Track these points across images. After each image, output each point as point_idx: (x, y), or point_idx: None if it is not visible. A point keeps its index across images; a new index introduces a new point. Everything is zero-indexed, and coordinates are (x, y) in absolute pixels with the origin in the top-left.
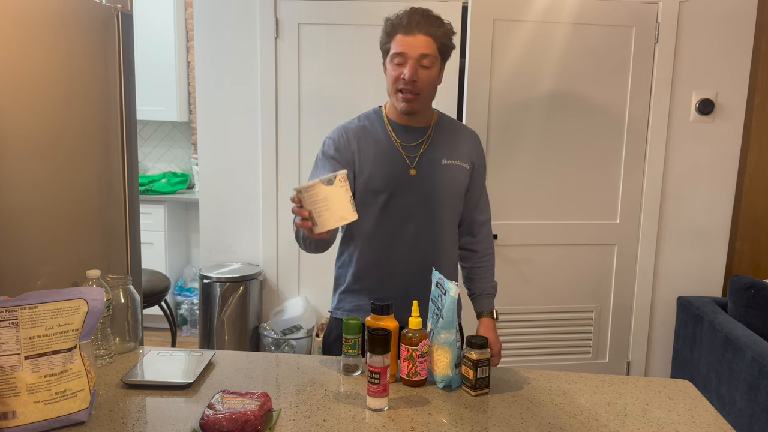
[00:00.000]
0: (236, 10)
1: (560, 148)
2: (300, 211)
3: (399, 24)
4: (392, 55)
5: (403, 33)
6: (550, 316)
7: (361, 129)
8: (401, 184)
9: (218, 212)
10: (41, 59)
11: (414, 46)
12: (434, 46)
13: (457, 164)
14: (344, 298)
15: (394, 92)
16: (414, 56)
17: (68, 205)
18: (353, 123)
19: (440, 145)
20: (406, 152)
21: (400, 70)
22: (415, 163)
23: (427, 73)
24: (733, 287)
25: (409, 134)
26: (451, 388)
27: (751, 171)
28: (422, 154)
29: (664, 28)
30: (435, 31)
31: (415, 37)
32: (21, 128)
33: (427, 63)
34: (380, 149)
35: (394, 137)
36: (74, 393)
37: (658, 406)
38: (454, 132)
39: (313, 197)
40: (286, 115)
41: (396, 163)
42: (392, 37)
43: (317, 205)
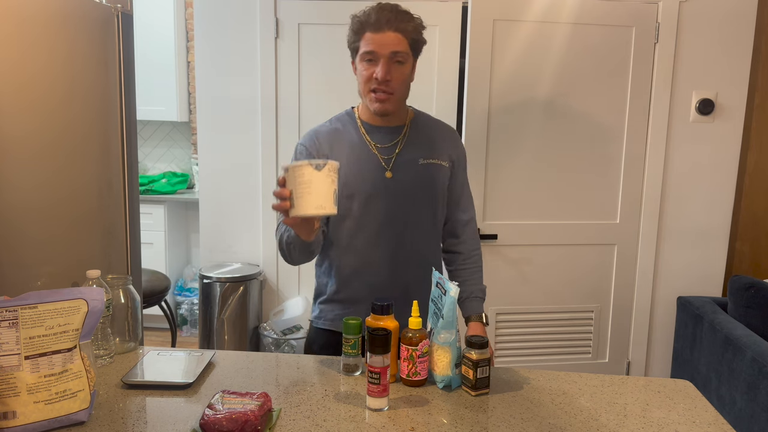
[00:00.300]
0: (236, 10)
1: (560, 148)
2: (282, 190)
3: (367, 21)
4: (362, 53)
5: (372, 30)
6: (550, 316)
7: (333, 132)
8: (377, 187)
9: (218, 212)
10: (42, 60)
11: (385, 44)
12: (405, 43)
13: (435, 163)
14: (326, 307)
15: (367, 93)
16: (385, 54)
17: (68, 205)
18: (325, 126)
19: (417, 145)
20: (381, 154)
21: (371, 69)
22: (391, 164)
23: (400, 71)
24: (733, 287)
25: (384, 135)
26: (451, 388)
27: (751, 171)
28: (398, 154)
29: (664, 28)
30: (405, 27)
31: (385, 35)
32: (21, 129)
33: (400, 59)
34: (354, 153)
35: (368, 139)
36: (74, 393)
37: (658, 406)
38: (430, 130)
39: (298, 177)
40: (286, 115)
41: (371, 167)
42: (361, 36)
43: (300, 187)
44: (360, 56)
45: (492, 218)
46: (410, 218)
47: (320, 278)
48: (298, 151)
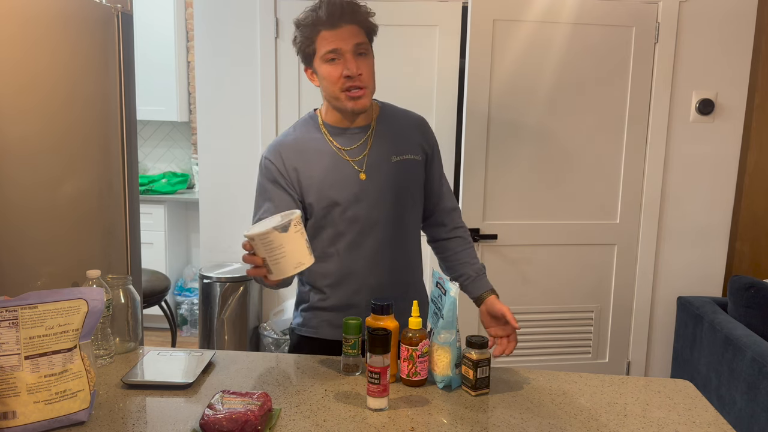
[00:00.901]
0: (236, 10)
1: (560, 147)
2: (253, 259)
3: (319, 20)
4: (324, 54)
5: (328, 28)
6: (550, 316)
7: (297, 142)
8: (353, 192)
9: (218, 212)
10: (42, 60)
11: (345, 39)
12: (362, 33)
13: (408, 158)
14: (308, 315)
15: (339, 93)
16: (349, 48)
17: (68, 205)
18: (289, 137)
19: (386, 141)
20: (350, 157)
21: (338, 68)
22: (363, 166)
23: (366, 62)
24: (733, 287)
25: (350, 137)
26: (451, 388)
27: (751, 171)
28: (368, 154)
29: (664, 28)
30: (359, 18)
31: (343, 29)
32: (22, 129)
33: (363, 50)
34: (324, 161)
35: (336, 145)
36: (74, 393)
37: (658, 406)
38: (398, 123)
39: (267, 245)
40: (286, 115)
41: (344, 173)
42: (315, 36)
43: (273, 253)
44: (321, 58)
45: (492, 218)
46: (389, 219)
47: (301, 286)
48: (264, 167)
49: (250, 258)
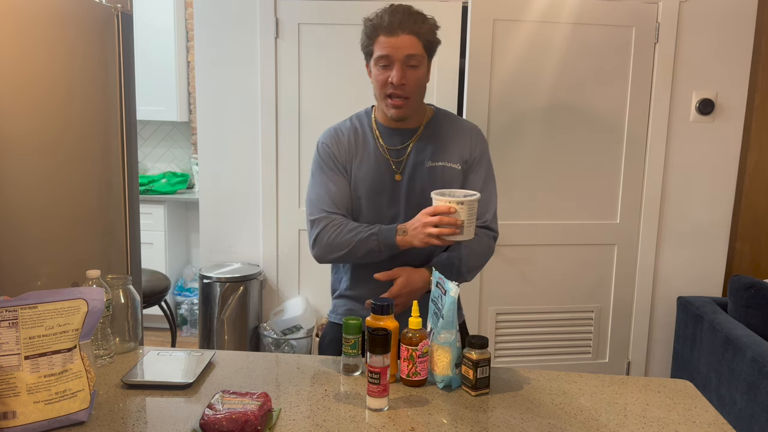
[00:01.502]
0: (236, 10)
1: (560, 147)
2: (455, 219)
3: (380, 25)
4: (377, 58)
5: (385, 34)
6: (550, 316)
7: (352, 130)
8: (387, 189)
9: (218, 212)
10: (42, 59)
11: (399, 48)
12: (420, 45)
13: (444, 165)
14: (339, 302)
15: (383, 97)
16: (400, 58)
17: (68, 204)
18: (345, 124)
19: (427, 147)
20: (392, 157)
21: (386, 73)
22: (401, 167)
23: (415, 74)
24: (733, 287)
25: (396, 137)
26: (451, 388)
27: (751, 171)
28: (408, 157)
29: (664, 28)
30: (419, 29)
31: (399, 38)
32: (22, 128)
33: (415, 63)
34: (368, 155)
35: (381, 142)
36: (74, 393)
37: (658, 406)
38: (446, 130)
39: (471, 210)
40: (286, 115)
41: (381, 169)
42: (374, 39)
43: (472, 217)
44: (374, 60)
45: None
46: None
47: (335, 274)
48: (321, 150)
49: (452, 219)
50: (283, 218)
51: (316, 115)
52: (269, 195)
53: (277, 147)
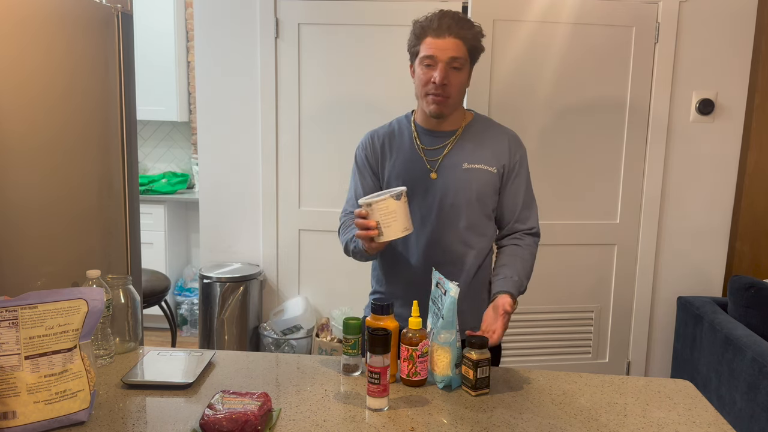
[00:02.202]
0: (236, 10)
1: (560, 148)
2: (367, 222)
3: (429, 26)
4: (422, 57)
5: (433, 36)
6: (550, 316)
7: (389, 133)
8: (420, 187)
9: (218, 212)
10: (41, 59)
11: (444, 49)
12: (464, 49)
13: (480, 168)
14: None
15: (424, 95)
16: (444, 59)
17: (68, 205)
18: (383, 128)
19: (464, 149)
20: (427, 156)
21: (430, 73)
22: (436, 167)
23: (457, 77)
24: (733, 287)
25: (434, 138)
26: (451, 388)
27: (751, 171)
28: (444, 157)
29: (664, 28)
30: (465, 34)
31: (445, 40)
32: (21, 128)
33: (458, 65)
34: (402, 153)
35: (418, 142)
36: (74, 393)
37: (658, 406)
38: (484, 134)
39: (383, 209)
40: (286, 115)
41: (415, 168)
42: (422, 40)
43: (387, 217)
44: (419, 60)
45: None
46: (448, 220)
47: (372, 272)
48: (357, 154)
49: (364, 221)
50: (283, 218)
51: (316, 115)
52: (269, 195)
53: (277, 147)
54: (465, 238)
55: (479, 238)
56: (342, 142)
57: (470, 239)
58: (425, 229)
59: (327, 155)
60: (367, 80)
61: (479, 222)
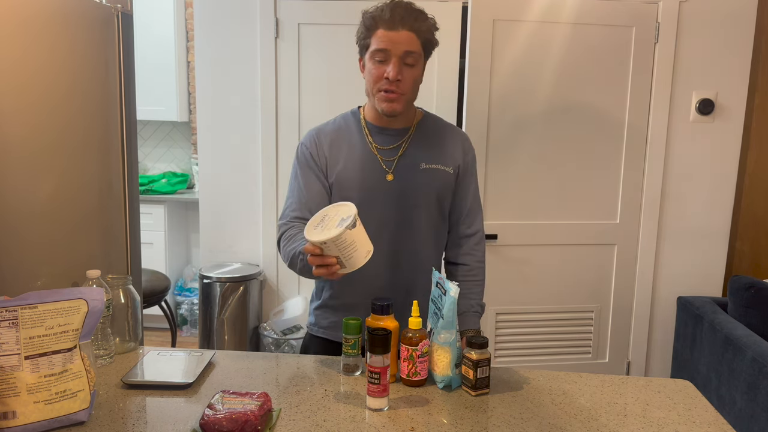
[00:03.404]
0: (236, 10)
1: (560, 147)
2: (325, 259)
3: (380, 18)
4: (373, 51)
5: (385, 28)
6: (550, 316)
7: (335, 132)
8: (377, 189)
9: (218, 212)
10: (41, 59)
11: (397, 42)
12: (418, 43)
13: (438, 168)
14: (320, 314)
15: (376, 92)
16: (398, 53)
17: (68, 205)
18: (328, 126)
19: (420, 148)
20: (382, 156)
21: (382, 68)
22: (392, 167)
23: (411, 72)
24: (733, 287)
25: (387, 137)
26: (451, 388)
27: (751, 171)
28: (400, 157)
29: (664, 28)
30: (419, 26)
31: (398, 33)
32: (21, 128)
33: (411, 61)
34: (355, 154)
35: (371, 140)
36: (74, 393)
37: (658, 406)
38: (437, 133)
39: (341, 244)
40: (286, 115)
41: (371, 168)
42: (372, 32)
43: (346, 250)
44: (370, 54)
45: (492, 218)
46: (409, 222)
47: (317, 283)
48: (299, 151)
49: (321, 259)
50: None
51: (316, 115)
52: (269, 195)
53: (277, 147)
54: (425, 240)
55: (438, 240)
56: None
57: (429, 240)
58: (384, 234)
59: None
60: None
61: (438, 223)
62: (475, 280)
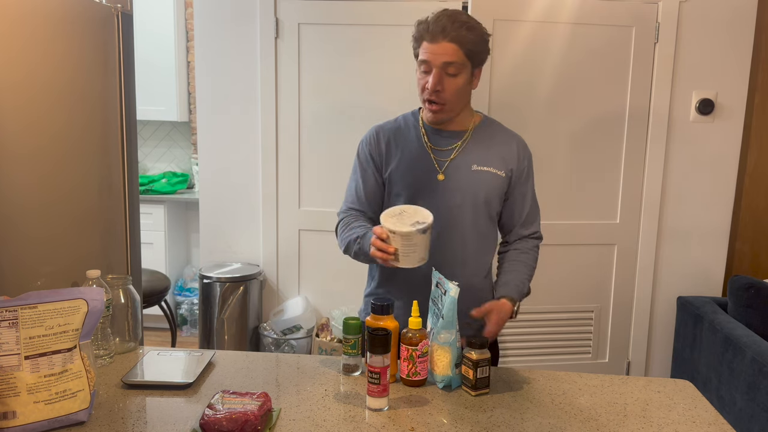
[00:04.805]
0: (236, 10)
1: (560, 147)
2: (387, 247)
3: (425, 30)
4: (419, 62)
5: (428, 40)
6: (550, 316)
7: (395, 130)
8: (427, 188)
9: (218, 212)
10: (40, 59)
11: (437, 54)
12: (461, 53)
13: (488, 171)
14: (368, 300)
15: (422, 101)
16: (437, 64)
17: (68, 205)
18: (389, 123)
19: (474, 151)
20: (436, 156)
21: (425, 78)
22: (444, 167)
23: (452, 82)
24: (733, 287)
25: (443, 138)
26: (451, 388)
27: (751, 171)
28: (453, 159)
29: (664, 28)
30: (463, 37)
31: (439, 45)
32: (21, 128)
33: (453, 71)
34: (410, 152)
35: (426, 141)
36: (74, 393)
37: (658, 406)
38: (493, 137)
39: (406, 241)
40: (286, 115)
41: (423, 167)
42: (420, 43)
43: (407, 248)
44: (418, 64)
45: None
46: (455, 221)
47: (369, 271)
48: (360, 147)
49: (384, 245)
50: (283, 218)
51: (316, 115)
52: (269, 195)
53: (277, 147)
54: (469, 240)
55: (482, 241)
56: (342, 142)
57: (474, 241)
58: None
59: (327, 155)
60: (367, 80)
61: (484, 224)
62: (518, 260)
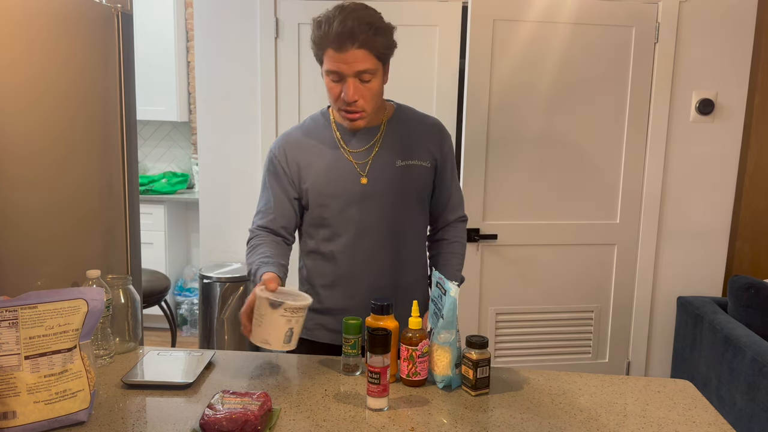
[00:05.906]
0: (236, 10)
1: (560, 147)
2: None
3: (327, 38)
4: (327, 71)
5: (335, 48)
6: (550, 316)
7: (305, 137)
8: (352, 195)
9: (218, 212)
10: (41, 59)
11: (349, 63)
12: (372, 58)
13: (414, 164)
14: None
15: (337, 109)
16: (350, 74)
17: (68, 205)
18: (296, 132)
19: (394, 145)
20: (355, 159)
21: (338, 87)
22: (366, 170)
23: (368, 88)
24: (733, 287)
25: (359, 139)
26: (451, 388)
27: (751, 171)
28: (374, 158)
29: (664, 28)
30: (372, 42)
31: (348, 53)
32: (21, 128)
33: (368, 77)
34: (326, 159)
35: (342, 144)
36: (74, 393)
37: (658, 406)
38: (410, 127)
39: (257, 307)
40: (286, 115)
41: (344, 174)
42: (323, 50)
43: (256, 317)
44: (324, 71)
45: (492, 218)
46: (389, 224)
47: (301, 286)
48: (268, 161)
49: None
50: None
51: None
52: None
53: None
54: (407, 239)
55: (421, 237)
56: None
57: (412, 239)
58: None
59: None
60: None
61: (419, 219)
62: (453, 252)
